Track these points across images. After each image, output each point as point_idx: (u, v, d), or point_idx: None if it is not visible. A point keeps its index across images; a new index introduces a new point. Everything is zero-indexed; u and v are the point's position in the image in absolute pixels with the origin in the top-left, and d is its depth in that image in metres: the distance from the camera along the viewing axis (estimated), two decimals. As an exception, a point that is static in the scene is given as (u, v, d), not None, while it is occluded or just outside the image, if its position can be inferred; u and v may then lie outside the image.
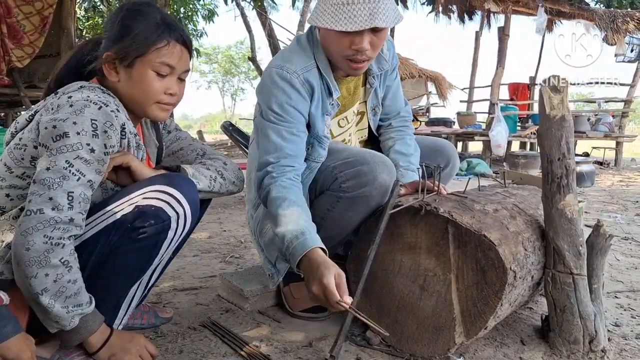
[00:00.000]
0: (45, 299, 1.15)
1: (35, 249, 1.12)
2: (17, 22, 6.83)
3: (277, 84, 1.57)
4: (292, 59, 1.61)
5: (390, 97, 1.91)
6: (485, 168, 6.74)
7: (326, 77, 1.63)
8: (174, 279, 2.20)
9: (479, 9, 9.03)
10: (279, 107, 1.57)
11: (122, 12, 1.32)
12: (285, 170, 1.54)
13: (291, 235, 1.39)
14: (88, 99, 1.21)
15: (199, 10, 13.45)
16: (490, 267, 1.36)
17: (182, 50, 1.34)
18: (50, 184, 1.14)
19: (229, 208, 4.18)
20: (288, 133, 1.57)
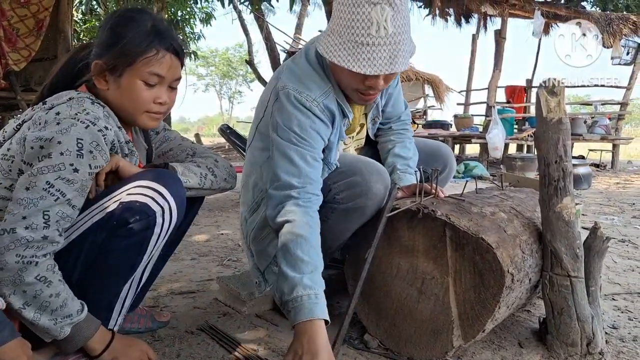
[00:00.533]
0: (29, 313, 1.16)
1: (8, 268, 1.13)
2: (10, 25, 6.81)
3: (298, 108, 1.51)
4: (308, 85, 1.54)
5: (392, 103, 1.89)
6: (482, 171, 6.75)
7: (341, 102, 1.58)
8: (171, 282, 2.20)
9: (476, 12, 9.06)
10: (301, 130, 1.50)
11: (113, 19, 1.31)
12: (310, 199, 1.47)
13: (303, 291, 1.31)
14: (76, 117, 1.19)
15: (196, 14, 13.45)
16: (488, 270, 1.36)
17: (172, 59, 1.32)
18: (26, 204, 1.14)
19: (226, 211, 4.17)
20: (312, 158, 1.50)
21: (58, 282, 1.19)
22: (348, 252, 1.71)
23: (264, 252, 1.67)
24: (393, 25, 1.38)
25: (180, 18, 12.94)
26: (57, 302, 1.18)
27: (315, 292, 1.33)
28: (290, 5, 6.49)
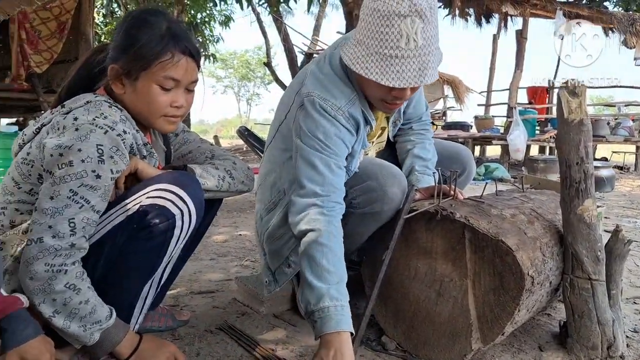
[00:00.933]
0: (59, 320, 1.19)
1: (38, 277, 1.16)
2: (33, 28, 6.94)
3: (324, 116, 1.49)
4: (333, 92, 1.52)
5: (413, 105, 1.86)
6: (503, 173, 6.68)
7: (364, 110, 1.57)
8: (191, 282, 2.22)
9: (496, 12, 8.98)
10: (326, 137, 1.48)
11: (128, 21, 1.30)
12: (334, 208, 1.46)
13: (330, 303, 1.32)
14: (93, 122, 1.19)
15: (216, 16, 13.57)
16: (508, 273, 1.35)
17: (188, 61, 1.31)
18: (51, 213, 1.16)
19: (245, 212, 4.20)
20: (336, 166, 1.49)
21: (87, 289, 1.21)
22: (365, 254, 1.71)
23: (277, 253, 1.67)
24: (423, 38, 1.36)
25: (200, 21, 13.06)
26: (86, 309, 1.21)
27: (342, 304, 1.33)
28: (308, 6, 6.51)
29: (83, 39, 7.02)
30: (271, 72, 13.92)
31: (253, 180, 1.61)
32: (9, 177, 1.31)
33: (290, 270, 1.64)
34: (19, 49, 6.88)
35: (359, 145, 1.59)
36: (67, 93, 1.35)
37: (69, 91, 1.35)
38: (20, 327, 1.14)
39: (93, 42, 7.21)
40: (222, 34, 15.04)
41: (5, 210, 1.30)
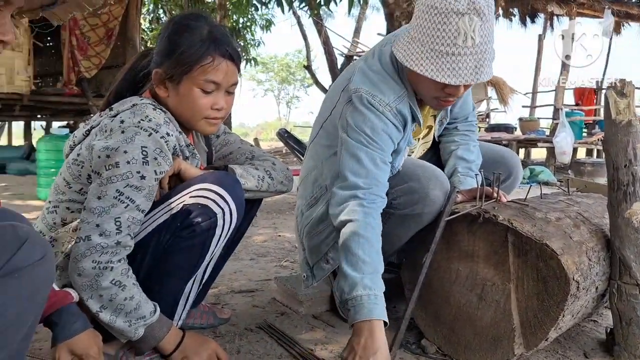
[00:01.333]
0: (105, 315, 1.24)
1: (86, 274, 1.21)
2: (82, 34, 7.22)
3: (372, 110, 1.50)
4: (382, 89, 1.52)
5: (460, 104, 1.83)
6: (549, 176, 6.50)
7: (413, 107, 1.57)
8: (232, 281, 2.26)
9: (542, 11, 8.75)
10: (373, 132, 1.49)
11: (170, 27, 1.34)
12: (375, 201, 1.46)
13: (363, 291, 1.32)
14: (139, 125, 1.24)
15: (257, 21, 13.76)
16: (552, 277, 1.32)
17: (228, 65, 1.33)
18: (98, 212, 1.21)
19: (284, 213, 4.24)
20: (381, 161, 1.49)
21: (132, 285, 1.25)
22: (405, 256, 1.70)
23: (316, 248, 1.69)
24: (480, 35, 1.35)
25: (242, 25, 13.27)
26: (131, 305, 1.25)
27: (375, 293, 1.33)
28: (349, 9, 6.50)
29: (130, 44, 7.26)
30: (311, 75, 13.99)
31: (292, 181, 1.63)
32: (61, 177, 1.37)
33: (329, 266, 1.66)
34: (70, 55, 7.19)
35: (405, 142, 1.59)
36: (114, 97, 1.40)
37: (116, 95, 1.40)
38: (70, 321, 1.19)
39: (139, 47, 7.45)
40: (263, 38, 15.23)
41: (57, 209, 1.36)
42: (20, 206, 4.30)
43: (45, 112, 8.61)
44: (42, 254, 0.91)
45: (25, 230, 0.91)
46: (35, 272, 0.90)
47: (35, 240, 0.91)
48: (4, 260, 0.86)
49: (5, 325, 0.87)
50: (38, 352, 1.48)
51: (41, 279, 0.92)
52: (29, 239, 0.90)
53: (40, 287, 0.93)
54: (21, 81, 6.90)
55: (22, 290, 0.88)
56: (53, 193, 1.39)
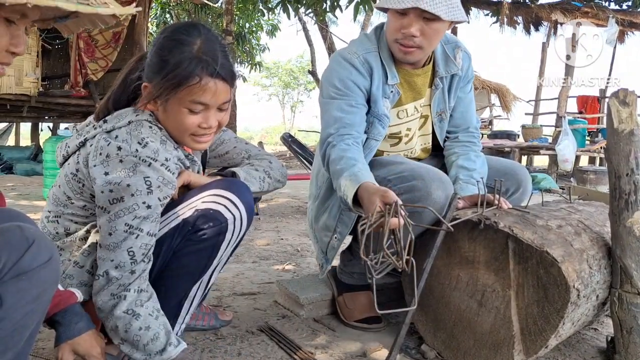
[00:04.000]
0: (125, 348, 1.24)
1: (104, 307, 1.23)
2: (90, 37, 7.27)
3: (340, 63, 1.69)
4: (355, 44, 1.74)
5: (462, 109, 1.87)
6: (551, 183, 6.49)
7: (385, 64, 1.70)
8: (234, 283, 2.27)
9: (546, 19, 8.76)
10: (340, 82, 1.66)
11: (161, 40, 1.29)
12: (343, 138, 1.61)
13: (345, 181, 1.45)
14: (137, 155, 1.22)
15: (263, 26, 13.82)
16: (553, 285, 1.33)
17: (217, 84, 1.26)
18: (112, 247, 1.23)
19: (287, 217, 4.25)
20: (347, 105, 1.65)
21: (147, 315, 1.23)
22: (407, 261, 1.70)
23: (325, 227, 1.77)
24: None
25: (248, 30, 13.33)
26: (147, 336, 1.22)
27: (354, 173, 1.46)
28: (354, 15, 6.54)
29: (137, 48, 7.31)
30: (315, 80, 14.04)
31: (286, 177, 1.66)
32: (60, 190, 1.36)
33: (337, 242, 1.75)
34: (77, 58, 7.25)
35: (378, 90, 1.70)
36: (112, 102, 1.36)
37: (114, 101, 1.37)
38: (73, 321, 1.20)
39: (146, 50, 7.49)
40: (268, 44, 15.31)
41: (58, 219, 1.37)
42: (26, 206, 4.32)
43: (52, 114, 8.67)
44: (49, 256, 0.93)
45: (33, 232, 0.92)
46: (42, 274, 0.91)
47: (42, 243, 0.93)
48: (12, 262, 0.87)
49: (12, 326, 0.88)
50: (41, 352, 1.50)
51: (47, 280, 0.94)
52: (35, 240, 0.91)
53: (46, 289, 0.95)
54: (29, 83, 6.96)
55: (29, 292, 0.90)
56: (52, 203, 1.38)
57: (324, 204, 1.78)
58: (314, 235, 1.86)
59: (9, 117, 9.04)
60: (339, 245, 1.75)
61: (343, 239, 1.74)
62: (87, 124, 1.37)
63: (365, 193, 1.37)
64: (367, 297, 1.82)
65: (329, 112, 1.67)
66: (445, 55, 1.79)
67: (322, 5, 6.82)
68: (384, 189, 1.35)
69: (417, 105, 1.81)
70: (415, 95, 1.79)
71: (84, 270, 1.32)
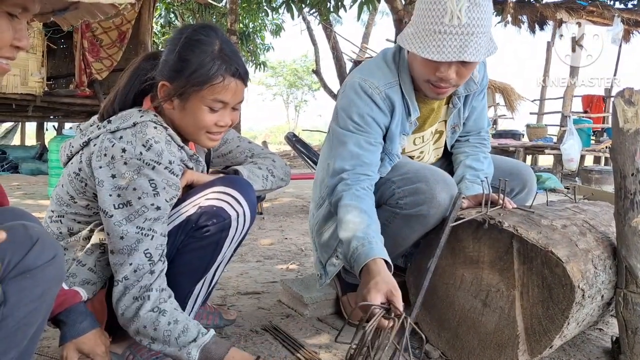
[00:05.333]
0: (157, 347, 1.23)
1: (129, 312, 1.22)
2: (94, 37, 7.28)
3: (360, 95, 1.60)
4: (375, 74, 1.62)
5: (475, 117, 1.86)
6: (555, 183, 6.47)
7: (407, 97, 1.63)
8: (238, 283, 2.28)
9: (551, 19, 8.73)
10: (359, 118, 1.58)
11: (182, 41, 1.29)
12: (360, 179, 1.55)
13: (357, 243, 1.37)
14: (141, 159, 1.22)
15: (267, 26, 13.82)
16: (557, 285, 1.32)
17: (237, 84, 1.31)
18: (127, 251, 1.22)
19: (291, 216, 4.25)
20: (366, 143, 1.58)
21: (173, 310, 1.23)
22: (411, 261, 1.70)
23: (326, 245, 1.73)
24: (467, 17, 1.40)
25: (252, 30, 13.34)
26: (177, 329, 1.22)
27: (369, 240, 1.37)
28: (358, 14, 6.52)
29: (142, 47, 7.33)
30: (320, 79, 14.04)
31: (289, 176, 1.66)
32: (63, 189, 1.36)
33: (338, 261, 1.69)
34: (82, 57, 7.26)
35: (397, 128, 1.64)
36: (118, 100, 1.37)
37: (120, 99, 1.37)
38: (78, 320, 1.21)
39: (151, 50, 7.51)
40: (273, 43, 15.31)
41: (61, 219, 1.37)
42: (31, 205, 4.34)
43: (57, 113, 8.70)
44: (53, 254, 0.93)
45: (37, 230, 0.92)
46: (46, 272, 0.91)
47: (46, 241, 0.93)
48: (16, 260, 0.87)
49: (16, 324, 0.88)
50: (46, 350, 1.50)
51: (51, 278, 0.94)
52: (40, 239, 0.91)
53: (50, 287, 0.95)
54: (34, 82, 6.98)
55: (33, 290, 0.90)
56: (56, 203, 1.39)
57: (326, 221, 1.74)
58: (315, 245, 1.82)
59: (14, 116, 9.08)
60: (340, 265, 1.70)
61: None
62: (91, 123, 1.37)
63: (370, 273, 1.30)
64: (371, 297, 1.82)
65: (346, 145, 1.59)
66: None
67: (326, 5, 6.81)
68: (393, 285, 1.26)
69: (432, 129, 1.81)
70: (433, 120, 1.78)
71: (86, 268, 1.33)
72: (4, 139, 12.69)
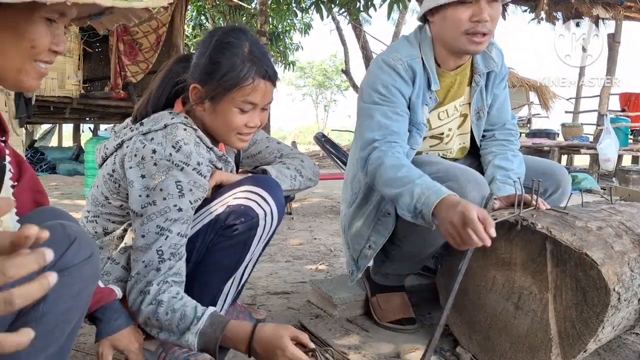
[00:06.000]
0: (163, 335, 1.26)
1: (134, 305, 1.27)
2: (134, 40, 7.44)
3: (383, 69, 1.65)
4: (398, 49, 1.69)
5: (497, 106, 1.86)
6: (592, 183, 6.31)
7: (428, 69, 1.67)
8: (268, 282, 2.30)
9: (587, 15, 8.49)
10: (384, 89, 1.63)
11: (213, 44, 1.32)
12: (392, 146, 1.57)
13: (421, 189, 1.41)
14: (170, 160, 1.25)
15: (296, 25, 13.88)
16: (592, 288, 1.29)
17: (267, 85, 1.34)
18: (144, 249, 1.27)
19: (320, 217, 4.26)
20: (392, 113, 1.61)
21: (171, 299, 1.24)
22: (440, 262, 1.69)
23: (358, 235, 1.74)
24: None
25: (281, 30, 13.41)
26: (175, 317, 1.22)
27: (432, 184, 1.43)
28: (388, 13, 6.48)
29: (174, 50, 7.45)
30: (349, 79, 14.02)
31: (318, 176, 1.67)
32: (98, 190, 1.41)
33: (371, 251, 1.71)
34: (117, 60, 7.43)
35: (418, 98, 1.67)
36: (151, 102, 1.40)
37: (153, 102, 1.40)
38: (113, 317, 1.24)
39: (183, 53, 7.63)
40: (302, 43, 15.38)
41: (97, 219, 1.42)
42: (68, 205, 4.47)
43: (93, 115, 8.93)
44: (90, 252, 0.95)
45: (74, 230, 0.95)
46: (83, 271, 0.94)
47: (83, 240, 0.95)
48: (55, 259, 0.90)
49: (55, 321, 0.91)
50: (83, 347, 1.55)
51: (88, 277, 0.96)
52: (77, 238, 0.94)
53: (87, 285, 0.97)
54: (71, 85, 7.18)
55: (70, 288, 0.92)
56: (91, 204, 1.43)
57: (359, 210, 1.75)
58: (346, 241, 1.84)
59: (52, 118, 9.36)
60: (372, 255, 1.72)
61: (377, 250, 1.70)
62: (124, 126, 1.41)
63: (450, 203, 1.34)
64: (401, 299, 1.81)
65: (373, 117, 1.62)
66: (482, 51, 1.77)
67: (355, 5, 6.80)
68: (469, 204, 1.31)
69: (456, 104, 1.79)
70: (455, 95, 1.78)
71: (120, 266, 1.37)
72: (42, 140, 13.09)
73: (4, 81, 0.93)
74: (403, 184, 1.46)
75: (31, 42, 0.89)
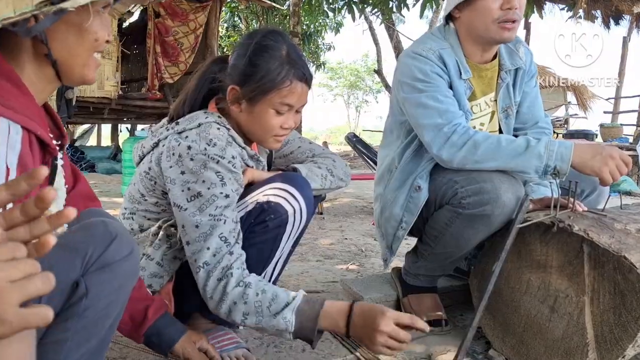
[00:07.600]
0: (251, 320, 1.22)
1: (216, 293, 1.25)
2: (176, 41, 7.58)
3: (416, 58, 1.65)
4: (426, 42, 1.70)
5: (528, 104, 1.83)
6: (631, 185, 6.11)
7: (458, 59, 1.67)
8: (299, 281, 2.32)
9: (627, 12, 8.25)
10: (423, 75, 1.62)
11: (252, 47, 1.34)
12: (462, 124, 1.57)
13: (543, 147, 1.47)
14: (205, 154, 1.28)
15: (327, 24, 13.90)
16: (631, 291, 1.26)
17: (303, 87, 1.37)
18: (203, 238, 1.26)
19: (351, 217, 4.26)
20: (441, 95, 1.60)
21: (258, 282, 1.25)
22: (474, 264, 1.67)
23: (392, 217, 1.75)
24: None
25: (313, 30, 13.46)
26: (267, 297, 1.22)
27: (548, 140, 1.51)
28: (421, 12, 6.43)
29: (209, 51, 7.57)
30: (381, 79, 13.96)
31: (349, 176, 1.67)
32: (135, 187, 1.46)
33: (402, 232, 1.73)
34: (154, 62, 7.60)
35: (460, 87, 1.67)
36: (188, 103, 1.44)
37: (189, 102, 1.44)
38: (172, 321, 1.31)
39: (217, 54, 7.74)
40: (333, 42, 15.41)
41: (133, 216, 1.47)
42: (106, 203, 4.60)
43: (130, 116, 9.17)
44: (130, 249, 0.98)
45: (115, 227, 0.98)
46: (123, 267, 0.96)
47: (124, 237, 0.98)
48: (97, 255, 0.93)
49: (96, 315, 0.94)
50: (120, 339, 1.59)
51: (128, 273, 0.99)
52: (118, 235, 0.96)
53: (126, 281, 1.00)
54: (110, 86, 7.38)
55: (111, 283, 0.95)
56: (128, 201, 1.48)
57: (392, 193, 1.74)
58: (380, 231, 1.85)
59: (91, 118, 9.65)
60: (403, 235, 1.73)
61: (408, 228, 1.70)
62: (161, 125, 1.46)
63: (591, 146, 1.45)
64: (432, 299, 1.80)
65: (422, 104, 1.60)
66: (509, 49, 1.78)
67: (388, 5, 6.77)
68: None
69: (487, 99, 1.78)
70: (485, 89, 1.77)
71: (155, 262, 1.41)
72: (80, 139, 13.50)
73: (70, 78, 0.98)
74: (517, 152, 1.48)
75: (94, 35, 0.94)
